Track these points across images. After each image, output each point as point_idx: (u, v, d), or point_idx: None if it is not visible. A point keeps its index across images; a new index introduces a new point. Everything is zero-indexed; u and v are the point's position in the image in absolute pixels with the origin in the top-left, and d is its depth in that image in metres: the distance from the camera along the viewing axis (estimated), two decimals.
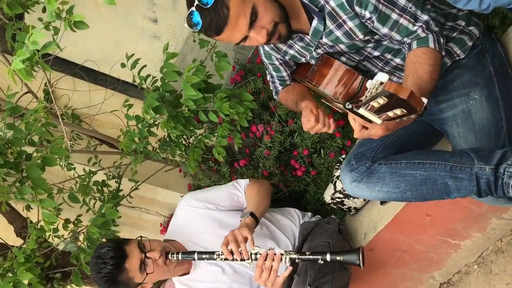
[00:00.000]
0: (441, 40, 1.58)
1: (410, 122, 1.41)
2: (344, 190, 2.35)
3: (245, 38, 1.56)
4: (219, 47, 2.36)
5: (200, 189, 2.38)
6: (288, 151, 2.66)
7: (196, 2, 1.47)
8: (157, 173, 3.17)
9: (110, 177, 2.93)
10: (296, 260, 1.88)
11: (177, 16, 2.82)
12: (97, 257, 2.03)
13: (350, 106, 1.32)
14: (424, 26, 1.55)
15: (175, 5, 2.78)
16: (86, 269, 2.63)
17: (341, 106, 1.77)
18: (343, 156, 2.47)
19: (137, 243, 2.06)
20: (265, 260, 1.87)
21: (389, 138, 1.78)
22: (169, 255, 2.03)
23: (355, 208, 2.43)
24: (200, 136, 2.63)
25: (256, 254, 1.90)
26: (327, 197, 2.44)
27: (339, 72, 1.71)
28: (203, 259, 2.00)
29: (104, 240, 2.43)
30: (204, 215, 2.26)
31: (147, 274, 2.01)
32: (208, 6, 1.46)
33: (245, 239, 1.90)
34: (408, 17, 1.55)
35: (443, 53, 1.59)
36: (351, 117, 1.43)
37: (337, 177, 2.40)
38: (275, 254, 1.87)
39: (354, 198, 2.36)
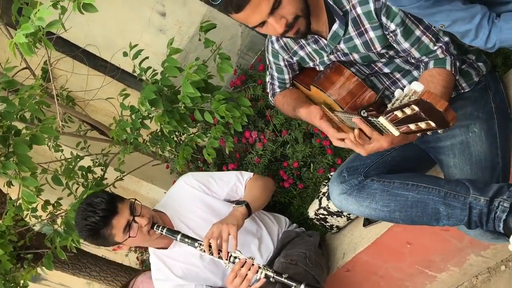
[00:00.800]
0: (457, 64, 1.59)
1: (414, 139, 1.40)
2: (329, 208, 2.34)
3: (263, 24, 1.53)
4: (223, 49, 2.36)
5: (203, 172, 2.34)
6: (278, 161, 2.65)
7: None
8: (143, 166, 3.15)
9: (97, 164, 2.90)
10: (271, 279, 1.88)
11: (186, 12, 2.81)
12: (88, 204, 1.99)
13: (365, 114, 1.31)
14: (444, 47, 1.56)
15: (185, 1, 2.78)
16: (60, 253, 2.60)
17: (342, 117, 1.77)
18: (332, 173, 2.47)
19: (129, 204, 2.04)
20: (242, 266, 1.86)
21: (384, 158, 1.78)
22: (155, 227, 2.03)
23: (337, 226, 2.43)
24: (192, 135, 2.62)
25: (235, 258, 1.90)
26: (311, 212, 2.44)
27: (349, 82, 1.70)
28: (185, 242, 2.00)
29: None
30: (199, 197, 2.25)
31: (129, 236, 1.99)
32: None
33: (233, 243, 1.89)
34: (430, 36, 1.56)
35: (457, 77, 1.60)
36: (357, 127, 1.42)
37: (324, 194, 2.40)
38: (253, 264, 1.87)
39: (337, 216, 2.36)
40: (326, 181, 2.47)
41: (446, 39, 1.56)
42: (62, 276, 4.56)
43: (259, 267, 1.88)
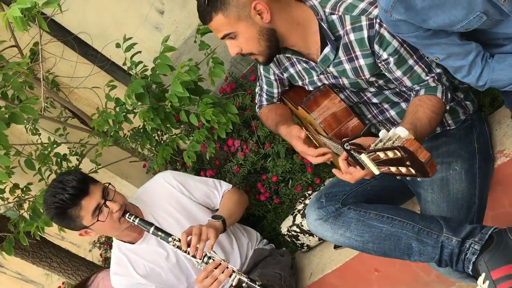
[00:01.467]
0: (449, 94, 1.60)
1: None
2: (302, 226, 2.33)
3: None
4: (218, 53, 2.35)
5: (183, 172, 2.30)
6: (257, 173, 2.63)
7: None
8: (120, 162, 3.11)
9: (73, 153, 2.85)
10: (243, 284, 1.85)
11: (185, 14, 2.80)
12: (59, 181, 1.90)
13: (348, 148, 1.31)
14: (436, 77, 1.58)
15: (185, 3, 2.77)
16: (22, 239, 2.53)
17: (325, 140, 1.77)
18: (309, 192, 2.47)
19: (102, 188, 1.95)
20: (215, 268, 1.84)
21: (363, 186, 1.78)
22: (127, 215, 1.95)
23: (308, 245, 2.41)
24: (175, 136, 2.60)
25: (209, 258, 1.86)
26: (284, 228, 2.42)
27: (336, 107, 1.71)
28: (157, 235, 1.93)
29: None
30: (175, 197, 2.19)
31: (97, 220, 1.91)
32: (202, 2, 1.55)
33: (211, 242, 1.87)
34: (423, 66, 1.57)
35: (447, 107, 1.61)
36: (341, 159, 1.43)
37: (299, 211, 2.39)
38: (227, 267, 1.84)
39: (309, 235, 2.34)
40: (302, 198, 2.46)
41: (439, 70, 1.58)
42: (21, 265, 4.44)
43: (233, 271, 1.85)
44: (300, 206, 2.41)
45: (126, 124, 2.61)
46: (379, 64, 1.60)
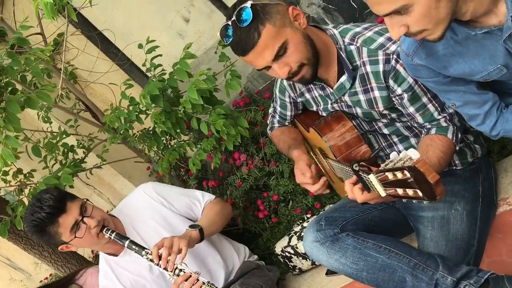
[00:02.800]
0: (459, 135, 1.61)
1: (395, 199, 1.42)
2: (297, 248, 2.32)
3: (268, 68, 1.58)
4: (236, 66, 2.38)
5: (164, 184, 2.31)
6: (259, 190, 2.64)
7: (234, 18, 1.49)
8: (125, 161, 3.13)
9: (81, 145, 2.88)
10: None
11: (209, 25, 2.85)
12: (38, 199, 1.96)
13: (357, 168, 1.32)
14: (448, 117, 1.59)
15: (211, 14, 2.82)
16: (18, 222, 2.53)
17: (333, 165, 1.78)
18: (308, 215, 2.46)
19: (80, 204, 2.00)
20: (186, 280, 1.84)
21: (364, 215, 1.78)
22: (104, 230, 1.98)
23: (300, 269, 2.40)
24: (183, 142, 2.61)
25: (180, 270, 1.87)
26: (278, 248, 2.41)
27: (348, 133, 1.72)
28: (132, 249, 1.96)
29: None
30: (156, 209, 2.21)
31: (75, 237, 1.95)
32: (242, 26, 1.48)
33: (180, 251, 1.87)
34: (436, 105, 1.59)
35: (457, 148, 1.62)
36: (348, 182, 1.44)
37: (295, 233, 2.38)
38: (197, 280, 1.85)
39: (303, 259, 2.33)
40: (300, 221, 2.46)
41: (451, 110, 1.59)
42: (12, 251, 4.43)
43: (203, 283, 1.85)
44: (297, 228, 2.41)
45: (137, 124, 2.63)
46: (393, 98, 1.62)
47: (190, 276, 1.86)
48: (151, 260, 1.89)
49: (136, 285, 2.18)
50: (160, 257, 1.87)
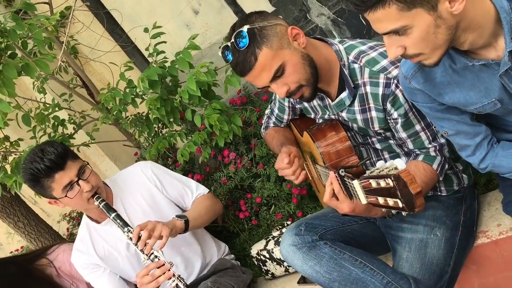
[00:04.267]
0: (445, 166, 1.63)
1: (378, 215, 1.43)
2: (272, 252, 2.32)
3: (267, 87, 1.59)
4: None
5: (163, 166, 2.30)
6: (243, 191, 2.63)
7: (232, 40, 1.51)
8: (113, 143, 3.11)
9: (72, 121, 2.86)
10: None
11: (218, 20, 2.85)
12: (41, 150, 1.93)
13: (343, 173, 1.32)
14: (438, 147, 1.61)
15: (221, 10, 2.82)
16: None
17: (320, 171, 1.78)
18: (289, 222, 2.46)
19: (80, 166, 1.97)
20: (158, 267, 1.84)
21: (344, 227, 1.79)
22: (95, 197, 1.97)
23: (272, 274, 2.39)
24: (174, 132, 2.60)
25: (156, 256, 1.87)
26: (254, 250, 2.41)
27: (340, 142, 1.73)
28: (116, 223, 1.95)
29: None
30: (148, 188, 2.20)
31: (66, 196, 1.94)
32: (240, 49, 1.50)
33: (160, 238, 1.86)
34: (428, 134, 1.60)
35: (440, 178, 1.64)
36: (329, 181, 1.44)
37: (273, 238, 2.38)
38: (169, 270, 1.84)
39: (277, 264, 2.33)
40: (280, 226, 2.46)
41: (443, 140, 1.61)
42: None
43: (173, 275, 1.85)
44: (276, 233, 2.41)
45: (130, 108, 2.62)
46: (389, 121, 1.63)
47: (163, 265, 1.85)
48: (131, 239, 1.89)
49: (108, 257, 2.17)
50: (139, 238, 1.86)
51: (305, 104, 1.88)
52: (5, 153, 2.79)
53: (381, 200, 1.17)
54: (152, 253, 1.86)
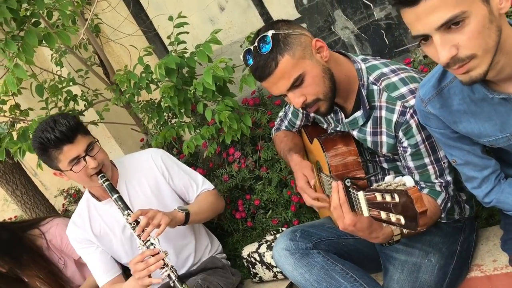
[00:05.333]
0: (448, 204, 1.62)
1: (377, 241, 1.44)
2: (263, 256, 2.31)
3: (284, 95, 1.58)
4: None
5: (173, 156, 2.30)
6: (243, 191, 2.63)
7: (255, 44, 1.52)
8: (122, 126, 3.12)
9: (84, 98, 2.86)
10: (170, 282, 1.85)
11: (242, 19, 2.86)
12: (53, 120, 1.93)
13: (348, 184, 1.32)
14: (444, 183, 1.59)
15: (247, 9, 2.83)
16: (1, 154, 2.51)
17: (324, 180, 1.77)
18: (284, 228, 2.45)
19: (89, 142, 1.97)
20: (153, 255, 1.83)
21: (339, 240, 1.78)
22: (100, 175, 1.97)
23: (260, 278, 2.38)
24: (184, 123, 2.61)
25: (152, 244, 1.86)
26: (245, 252, 2.40)
27: (349, 155, 1.72)
28: (117, 204, 1.94)
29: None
30: (154, 176, 2.20)
31: (71, 169, 1.93)
32: (262, 53, 1.50)
33: (158, 226, 1.86)
34: (436, 169, 1.59)
35: (442, 215, 1.63)
36: (335, 189, 1.43)
37: (266, 241, 2.37)
38: (163, 259, 1.83)
39: (266, 268, 2.32)
40: (274, 232, 2.45)
41: (449, 178, 1.60)
42: None
43: (166, 265, 1.84)
44: (269, 237, 2.40)
45: (144, 93, 2.63)
46: (398, 147, 1.62)
47: (158, 253, 1.84)
48: (130, 223, 1.88)
49: (103, 236, 2.16)
50: (137, 223, 1.86)
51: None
52: (14, 120, 2.80)
53: (383, 214, 1.16)
54: (149, 240, 1.85)
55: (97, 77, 2.81)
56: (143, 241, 1.85)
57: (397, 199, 1.09)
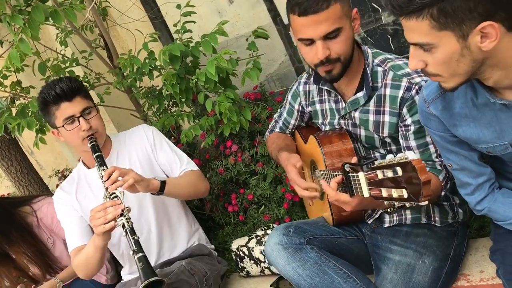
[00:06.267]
0: (448, 184, 1.62)
1: (380, 207, 1.45)
2: (252, 250, 2.31)
3: (310, 42, 1.58)
4: (261, 60, 2.38)
5: (163, 135, 2.33)
6: (237, 185, 2.63)
7: None
8: (121, 110, 3.11)
9: (86, 79, 2.86)
10: (123, 233, 1.80)
11: (250, 14, 2.85)
12: (60, 78, 2.05)
13: (348, 168, 1.33)
14: (443, 162, 1.60)
15: (255, 4, 2.82)
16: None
17: (319, 176, 1.78)
18: (275, 225, 2.45)
19: (87, 105, 2.03)
20: (112, 205, 1.81)
21: (332, 238, 1.79)
22: (90, 138, 2.01)
23: (248, 272, 2.38)
24: (183, 112, 2.60)
25: (116, 196, 1.85)
26: (235, 245, 2.40)
27: (346, 152, 1.74)
28: (96, 161, 1.96)
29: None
30: (144, 148, 2.23)
31: (63, 126, 2.00)
32: None
33: (128, 182, 1.84)
34: (436, 148, 1.60)
35: (442, 194, 1.62)
36: (333, 180, 1.45)
37: (256, 236, 2.37)
38: (122, 210, 1.80)
39: (254, 263, 2.32)
40: (266, 227, 2.45)
41: None
42: None
43: (124, 216, 1.80)
44: (260, 233, 2.40)
45: (146, 79, 2.62)
46: (399, 128, 1.64)
47: (119, 204, 1.82)
48: (102, 176, 1.90)
49: (86, 203, 2.17)
50: (109, 176, 1.86)
51: (317, 106, 1.90)
52: (14, 96, 2.80)
53: (384, 192, 1.15)
54: (114, 193, 1.85)
55: (101, 60, 2.80)
56: (108, 193, 1.85)
57: (399, 172, 1.09)
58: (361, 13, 2.55)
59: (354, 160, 1.46)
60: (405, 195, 1.10)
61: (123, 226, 1.79)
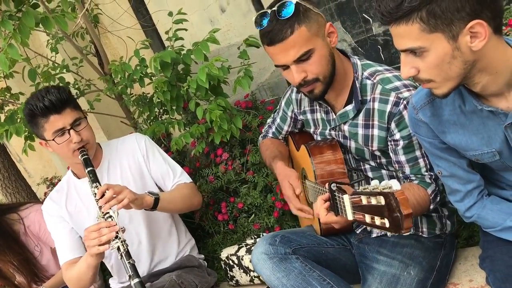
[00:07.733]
0: (438, 196, 1.63)
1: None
2: (242, 259, 2.30)
3: (286, 68, 1.60)
4: (252, 69, 2.39)
5: (156, 144, 2.31)
6: (227, 193, 2.61)
7: (275, 8, 1.52)
8: (111, 118, 3.09)
9: (76, 86, 2.85)
10: (118, 256, 1.80)
11: (242, 23, 2.87)
12: (47, 89, 1.97)
13: (334, 188, 1.33)
14: (433, 176, 1.61)
15: (247, 14, 2.84)
16: None
17: (308, 186, 1.77)
18: (265, 234, 2.44)
19: (77, 117, 1.98)
20: (107, 227, 1.80)
21: (318, 247, 1.78)
22: (80, 150, 1.97)
23: (237, 281, 2.36)
24: (174, 119, 2.60)
25: (110, 216, 1.83)
26: (224, 254, 2.38)
27: (336, 163, 1.74)
28: (89, 177, 1.93)
29: None
30: (136, 158, 2.20)
31: (54, 139, 1.95)
32: (280, 17, 1.51)
33: (122, 201, 1.83)
34: (427, 162, 1.61)
35: (431, 207, 1.63)
36: (322, 199, 1.45)
37: (246, 245, 2.36)
38: (117, 232, 1.79)
39: (244, 272, 2.30)
40: (255, 236, 2.44)
41: None
42: None
43: (119, 238, 1.79)
44: (250, 241, 2.38)
45: (136, 87, 2.62)
46: (389, 142, 1.64)
47: (114, 226, 1.80)
48: (95, 194, 1.87)
49: (77, 213, 2.15)
50: (103, 196, 1.84)
51: (308, 116, 1.89)
52: (3, 102, 2.77)
53: (367, 218, 1.16)
54: (108, 212, 1.83)
55: (92, 67, 2.79)
56: (102, 212, 1.83)
57: (382, 201, 1.09)
58: (352, 24, 2.57)
59: (346, 180, 1.47)
60: (387, 225, 1.10)
61: (118, 249, 1.78)
